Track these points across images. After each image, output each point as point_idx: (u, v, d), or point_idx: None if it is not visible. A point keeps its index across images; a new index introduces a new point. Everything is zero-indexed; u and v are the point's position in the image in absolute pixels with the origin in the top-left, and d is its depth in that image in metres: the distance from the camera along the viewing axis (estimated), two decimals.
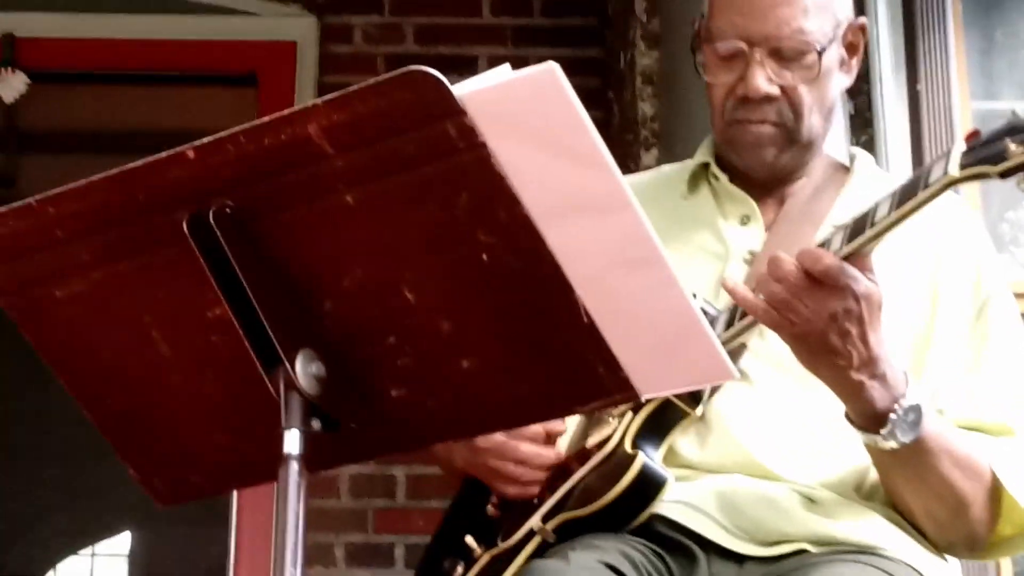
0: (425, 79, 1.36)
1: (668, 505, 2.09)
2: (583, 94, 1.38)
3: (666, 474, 2.10)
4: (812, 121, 2.23)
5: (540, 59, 3.87)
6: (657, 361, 1.48)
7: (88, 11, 5.05)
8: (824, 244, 1.95)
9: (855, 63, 2.29)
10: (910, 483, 2.07)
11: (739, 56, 2.20)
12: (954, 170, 1.85)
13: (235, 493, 4.49)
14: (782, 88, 2.20)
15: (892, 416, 1.96)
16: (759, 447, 2.13)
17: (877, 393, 1.96)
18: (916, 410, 1.97)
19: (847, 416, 2.01)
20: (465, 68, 4.66)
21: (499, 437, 2.19)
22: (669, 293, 1.45)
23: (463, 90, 1.37)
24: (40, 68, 5.00)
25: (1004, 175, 1.83)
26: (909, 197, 1.90)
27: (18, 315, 1.60)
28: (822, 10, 2.21)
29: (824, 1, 2.22)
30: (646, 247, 1.43)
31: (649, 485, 2.09)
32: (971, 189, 3.22)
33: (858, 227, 1.93)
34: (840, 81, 2.27)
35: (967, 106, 3.25)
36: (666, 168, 2.49)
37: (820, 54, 2.19)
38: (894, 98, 3.17)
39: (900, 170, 3.07)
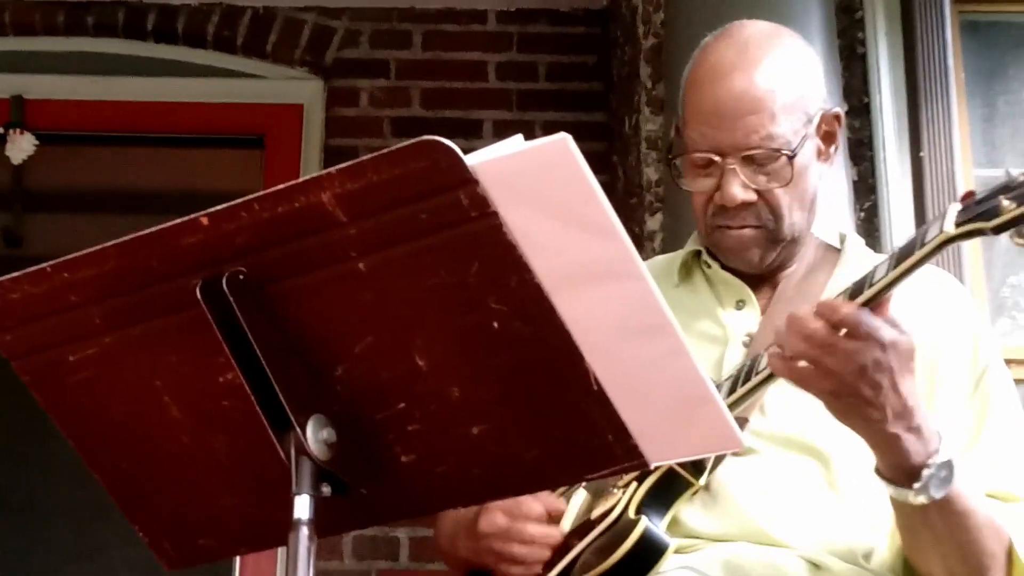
0: (438, 148, 1.37)
1: (673, 573, 2.08)
2: (588, 158, 1.39)
3: (668, 540, 2.10)
4: (793, 219, 2.25)
5: (545, 123, 3.92)
6: (666, 429, 1.49)
7: (96, 73, 5.08)
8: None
9: (833, 150, 2.30)
10: (937, 543, 2.04)
11: (713, 165, 2.22)
12: (950, 228, 1.87)
13: (237, 557, 4.48)
14: (758, 193, 2.21)
15: (925, 472, 1.94)
16: (765, 516, 2.13)
17: (912, 447, 1.94)
18: (949, 466, 1.95)
19: (877, 470, 1.99)
20: (471, 132, 4.71)
21: (502, 521, 2.18)
22: (679, 361, 1.46)
23: (476, 160, 1.38)
24: (48, 129, 5.02)
25: (997, 230, 1.85)
26: (906, 256, 1.91)
27: (31, 378, 1.61)
28: (790, 111, 2.22)
29: (792, 100, 2.22)
30: (656, 315, 1.44)
31: (650, 550, 2.09)
32: (974, 256, 3.24)
33: (857, 289, 1.93)
34: (819, 170, 2.29)
35: (970, 173, 3.27)
36: (657, 259, 2.50)
37: (791, 158, 2.20)
38: (897, 165, 3.18)
39: (903, 236, 3.08)
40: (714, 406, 1.48)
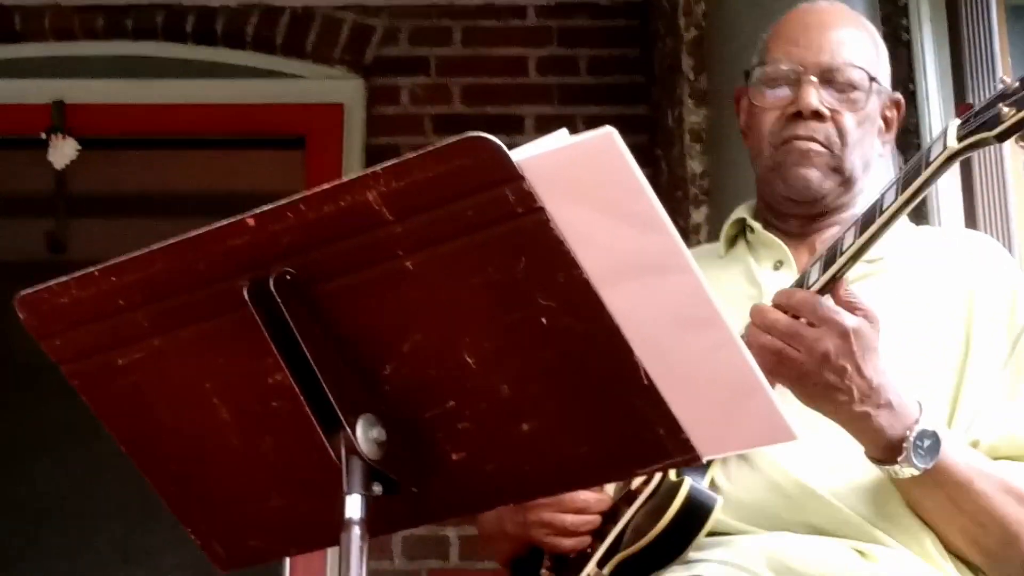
0: (484, 145, 1.37)
1: (715, 567, 2.06)
2: (631, 152, 1.39)
3: (715, 496, 2.10)
4: (854, 157, 2.30)
5: (587, 117, 3.92)
6: (718, 421, 1.48)
7: (136, 76, 5.09)
8: (835, 244, 1.99)
9: (889, 138, 2.36)
10: (946, 515, 2.06)
11: (791, 82, 2.30)
12: (952, 142, 1.88)
13: (287, 557, 4.48)
14: (832, 112, 2.28)
15: (904, 444, 1.97)
16: (799, 466, 2.12)
17: (885, 421, 1.97)
18: (931, 435, 1.98)
19: (866, 454, 2.02)
20: (512, 128, 4.70)
21: None
22: (729, 353, 1.45)
23: (521, 155, 1.37)
24: (89, 133, 5.03)
25: (1001, 137, 1.90)
26: (913, 178, 1.94)
27: (80, 382, 1.62)
28: (870, 59, 2.33)
29: (873, 57, 2.34)
30: (705, 308, 1.43)
31: (699, 508, 2.09)
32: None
33: (868, 217, 1.97)
34: (876, 143, 2.34)
35: (1018, 157, 3.24)
36: (704, 246, 2.58)
37: (872, 81, 2.29)
38: None
39: (952, 227, 3.06)
40: (765, 398, 1.47)
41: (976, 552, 2.09)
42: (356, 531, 1.47)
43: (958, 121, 1.92)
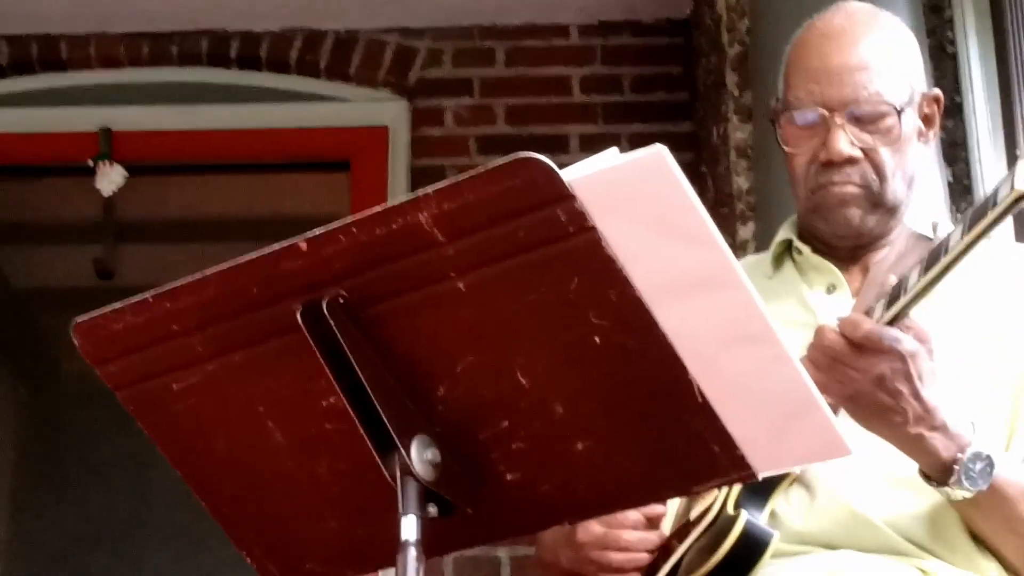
0: (535, 166, 1.37)
1: None
2: None
3: (771, 531, 2.09)
4: (895, 185, 2.25)
5: (631, 136, 3.92)
6: (773, 438, 1.47)
7: (182, 103, 5.12)
8: (901, 281, 1.96)
9: (932, 135, 2.32)
10: (1000, 534, 2.05)
11: (819, 123, 2.23)
12: (1021, 185, 1.85)
13: None
14: (864, 151, 2.22)
15: (956, 466, 1.96)
16: (864, 503, 2.11)
17: (940, 443, 1.96)
18: (984, 458, 1.97)
19: (920, 473, 2.01)
20: (557, 147, 4.71)
21: (599, 529, 2.18)
22: (782, 369, 1.45)
23: (572, 175, 1.37)
24: (136, 160, 5.07)
25: None
26: (980, 218, 1.89)
27: (135, 407, 1.62)
28: (898, 75, 2.24)
29: (899, 67, 2.25)
30: (758, 324, 1.43)
31: (754, 544, 2.08)
32: None
33: (934, 256, 1.94)
34: (919, 151, 2.29)
35: None
36: (749, 258, 2.51)
37: (900, 114, 2.21)
38: (993, 163, 3.15)
39: (1002, 237, 3.04)
40: (820, 414, 1.47)
41: None
42: (412, 552, 1.47)
43: None
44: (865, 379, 1.93)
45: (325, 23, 5.02)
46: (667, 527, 2.22)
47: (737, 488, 2.13)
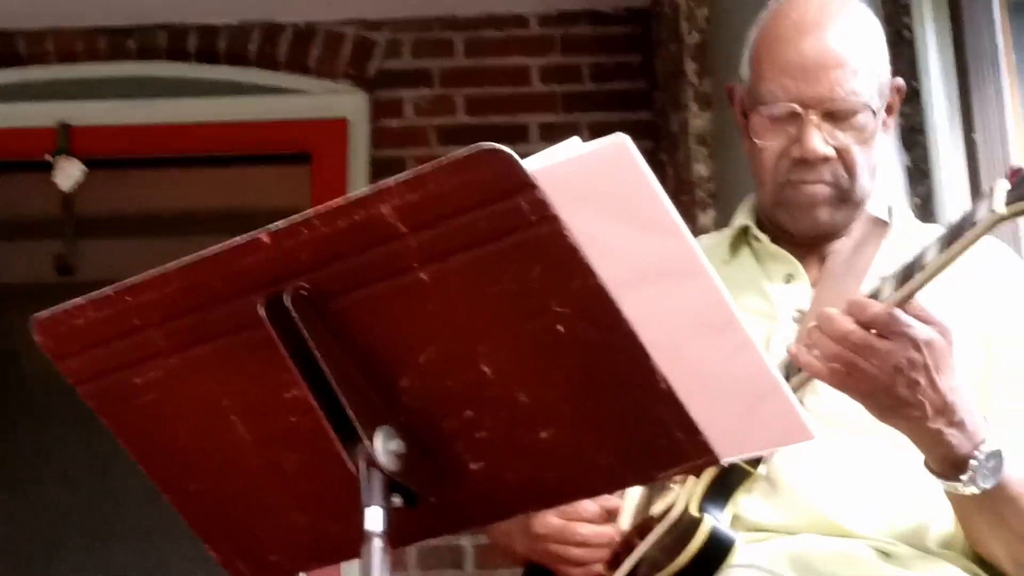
0: (497, 157, 1.37)
1: (740, 571, 2.07)
2: None
3: (733, 536, 2.09)
4: (864, 181, 2.25)
5: (591, 124, 3.92)
6: (736, 424, 1.48)
7: (140, 97, 5.11)
8: (875, 294, 1.93)
9: (891, 122, 2.31)
10: (993, 529, 2.04)
11: (792, 119, 2.21)
12: (1000, 207, 1.84)
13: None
14: (837, 150, 2.21)
15: (972, 462, 1.93)
16: (828, 503, 2.12)
17: (956, 440, 1.93)
18: (997, 456, 1.95)
19: (926, 464, 1.98)
20: (517, 137, 4.72)
21: (556, 521, 2.18)
22: (746, 356, 1.45)
23: (534, 165, 1.38)
24: (95, 155, 5.05)
25: None
26: (956, 238, 1.88)
27: (97, 403, 1.62)
28: (870, 72, 2.23)
29: (871, 63, 2.24)
30: (721, 311, 1.43)
31: (718, 549, 2.08)
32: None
33: (907, 273, 1.91)
34: (881, 140, 2.29)
35: None
36: (704, 238, 2.48)
37: (874, 113, 2.21)
38: (950, 149, 3.16)
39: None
40: (783, 399, 1.47)
41: (1012, 564, 2.08)
42: (377, 543, 1.47)
43: (1006, 184, 1.84)
44: (883, 371, 1.88)
45: (284, 16, 5.01)
46: (626, 520, 2.23)
47: (700, 487, 2.13)
